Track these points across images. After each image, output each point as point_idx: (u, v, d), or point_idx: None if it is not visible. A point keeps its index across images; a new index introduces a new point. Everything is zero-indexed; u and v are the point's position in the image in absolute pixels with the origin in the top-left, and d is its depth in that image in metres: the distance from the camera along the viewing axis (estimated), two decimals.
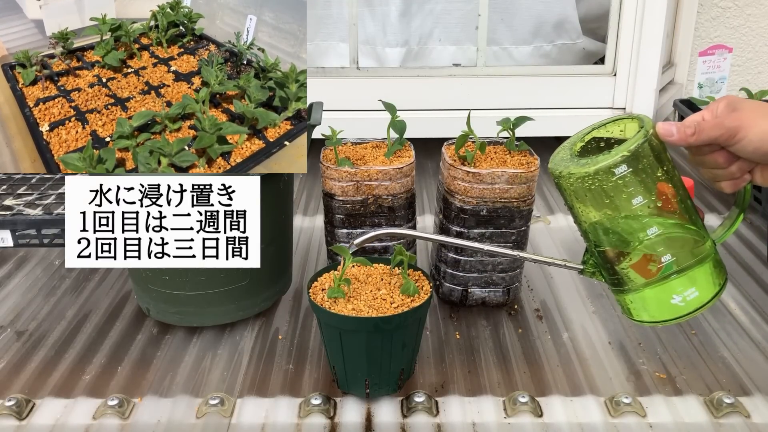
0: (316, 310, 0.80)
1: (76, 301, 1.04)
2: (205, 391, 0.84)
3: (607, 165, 0.67)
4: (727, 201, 1.33)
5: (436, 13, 1.69)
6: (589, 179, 0.68)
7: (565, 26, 1.73)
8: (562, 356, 0.90)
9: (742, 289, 1.04)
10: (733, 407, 0.79)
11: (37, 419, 0.80)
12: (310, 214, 1.31)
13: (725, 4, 1.79)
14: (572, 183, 0.70)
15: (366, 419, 0.79)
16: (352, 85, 1.52)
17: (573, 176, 0.69)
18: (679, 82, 1.78)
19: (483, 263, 0.96)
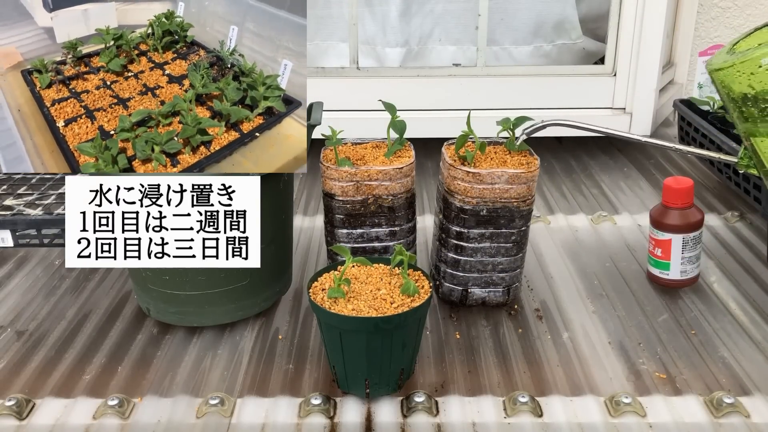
0: (316, 310, 0.80)
1: (76, 301, 1.04)
2: (205, 391, 0.84)
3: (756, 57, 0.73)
4: (728, 201, 1.33)
5: (436, 13, 1.69)
6: (738, 69, 0.73)
7: (565, 26, 1.73)
8: (562, 356, 0.90)
9: (742, 289, 1.04)
10: (733, 407, 0.79)
11: (37, 419, 0.80)
12: (310, 214, 1.31)
13: (725, 4, 1.79)
14: (725, 75, 0.75)
15: (366, 419, 0.80)
16: (352, 85, 1.52)
17: (725, 69, 0.74)
18: (679, 82, 1.78)
19: (483, 263, 0.96)
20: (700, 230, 1.02)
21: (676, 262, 1.02)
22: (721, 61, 0.78)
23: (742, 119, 0.81)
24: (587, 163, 1.55)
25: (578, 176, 1.48)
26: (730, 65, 0.77)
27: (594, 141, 1.65)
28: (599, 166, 1.53)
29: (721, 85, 0.80)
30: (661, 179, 1.43)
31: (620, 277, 1.08)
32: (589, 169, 1.52)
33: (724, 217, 1.27)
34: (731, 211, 1.28)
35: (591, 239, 1.20)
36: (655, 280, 1.05)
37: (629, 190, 1.40)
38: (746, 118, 0.80)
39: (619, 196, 1.38)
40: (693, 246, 1.02)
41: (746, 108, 0.78)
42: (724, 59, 0.79)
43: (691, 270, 1.03)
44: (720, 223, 1.25)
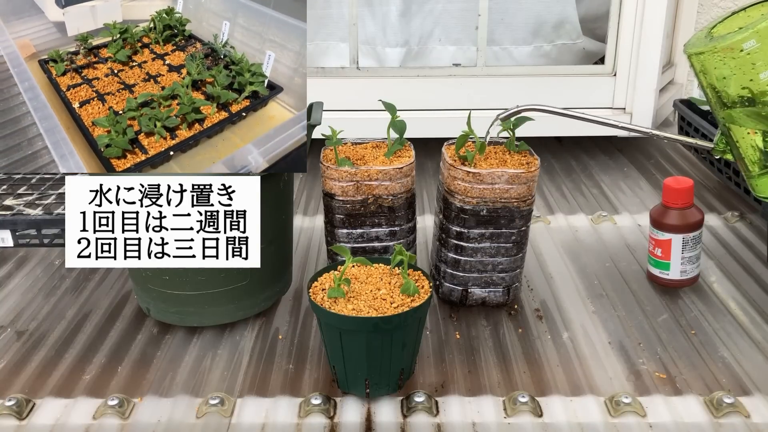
0: (316, 310, 0.80)
1: (76, 301, 1.04)
2: (205, 391, 0.84)
3: (736, 41, 0.71)
4: (728, 201, 1.33)
5: (436, 13, 1.69)
6: (719, 54, 0.72)
7: (565, 26, 1.73)
8: (562, 356, 0.90)
9: (742, 289, 1.04)
10: (733, 407, 0.79)
11: (37, 419, 0.80)
12: (310, 214, 1.31)
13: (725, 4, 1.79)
14: (704, 59, 0.74)
15: (366, 419, 0.80)
16: (352, 85, 1.52)
17: (705, 53, 0.73)
18: (679, 82, 1.78)
19: (483, 263, 0.96)
20: (700, 230, 1.02)
21: (676, 262, 1.02)
22: (701, 45, 0.78)
23: (720, 104, 0.80)
24: (587, 163, 1.55)
25: (578, 176, 1.48)
26: (710, 49, 0.76)
27: (594, 141, 1.65)
28: (599, 166, 1.53)
29: (699, 70, 0.80)
30: (661, 179, 1.43)
31: (620, 277, 1.08)
32: (589, 169, 1.52)
33: (724, 217, 1.27)
34: (731, 211, 1.28)
35: (591, 239, 1.20)
36: (655, 280, 1.05)
37: (629, 190, 1.40)
38: (724, 104, 0.79)
39: (619, 196, 1.38)
40: (693, 246, 1.02)
41: (724, 93, 0.78)
42: (703, 43, 0.78)
43: (691, 270, 1.03)
44: (720, 223, 1.25)
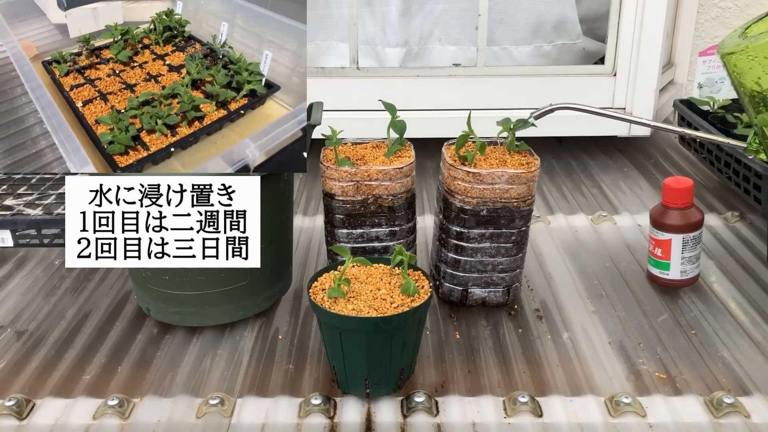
0: (316, 310, 0.80)
1: (76, 301, 1.04)
2: (205, 391, 0.84)
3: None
4: (728, 201, 1.33)
5: (436, 13, 1.69)
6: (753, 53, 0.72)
7: (565, 26, 1.73)
8: (562, 356, 0.90)
9: (742, 289, 1.04)
10: (733, 407, 0.79)
11: (37, 419, 0.80)
12: (310, 214, 1.31)
13: (725, 4, 1.79)
14: (738, 59, 0.74)
15: (366, 419, 0.80)
16: (352, 85, 1.52)
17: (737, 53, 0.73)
18: (679, 82, 1.78)
19: (483, 263, 0.96)
20: (700, 230, 1.02)
21: (676, 262, 1.02)
22: (734, 45, 0.77)
23: (753, 104, 0.80)
24: (587, 163, 1.55)
25: (578, 176, 1.48)
26: (743, 49, 0.76)
27: (594, 141, 1.65)
28: (599, 166, 1.53)
29: (732, 70, 0.79)
30: (661, 179, 1.43)
31: (620, 277, 1.08)
32: (589, 169, 1.52)
33: (724, 217, 1.27)
34: (731, 211, 1.28)
35: (591, 239, 1.20)
36: (655, 280, 1.05)
37: (629, 190, 1.40)
38: (757, 103, 0.79)
39: (619, 196, 1.38)
40: (693, 246, 1.02)
41: (757, 93, 0.77)
42: (736, 43, 0.77)
43: (691, 270, 1.03)
44: (720, 223, 1.25)
